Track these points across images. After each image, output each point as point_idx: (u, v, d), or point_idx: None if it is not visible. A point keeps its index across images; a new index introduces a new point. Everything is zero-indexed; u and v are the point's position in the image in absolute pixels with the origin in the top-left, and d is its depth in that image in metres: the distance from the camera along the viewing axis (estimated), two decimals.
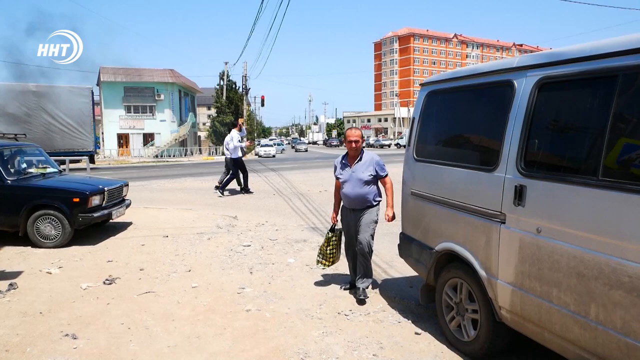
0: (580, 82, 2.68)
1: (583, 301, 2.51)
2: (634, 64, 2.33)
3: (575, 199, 2.56)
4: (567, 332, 2.63)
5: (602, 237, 2.40)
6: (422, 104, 4.22)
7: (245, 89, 47.20)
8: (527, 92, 2.96)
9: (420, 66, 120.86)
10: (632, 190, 2.25)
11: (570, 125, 2.84)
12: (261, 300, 4.79)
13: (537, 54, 3.06)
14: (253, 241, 7.35)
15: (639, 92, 2.36)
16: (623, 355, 2.31)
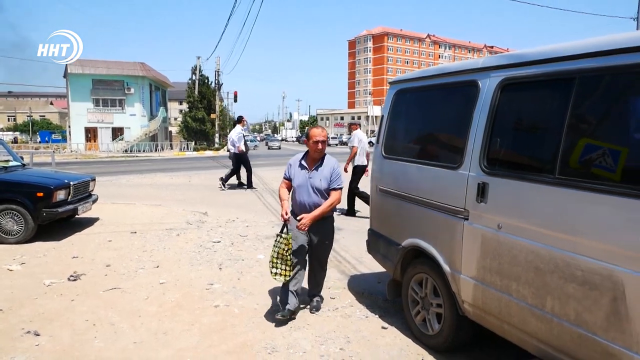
0: (540, 83, 2.78)
1: (540, 294, 2.60)
2: (590, 67, 2.42)
3: (533, 196, 2.66)
4: (525, 324, 2.73)
5: (558, 233, 2.49)
6: (391, 102, 4.28)
7: (217, 84, 46.68)
8: (490, 92, 3.05)
9: (393, 65, 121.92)
10: (586, 188, 2.35)
11: (530, 125, 2.95)
12: (230, 296, 4.79)
13: (500, 55, 3.15)
14: (223, 237, 7.31)
15: (594, 95, 2.47)
16: (576, 346, 2.42)
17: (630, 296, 2.12)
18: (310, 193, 4.07)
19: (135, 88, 41.69)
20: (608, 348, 2.23)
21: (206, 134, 44.75)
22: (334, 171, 4.10)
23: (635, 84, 2.30)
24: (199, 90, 44.97)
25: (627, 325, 2.14)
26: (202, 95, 45.02)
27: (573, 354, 2.44)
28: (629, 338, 2.14)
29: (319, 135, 4.06)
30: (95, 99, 41.69)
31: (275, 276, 4.05)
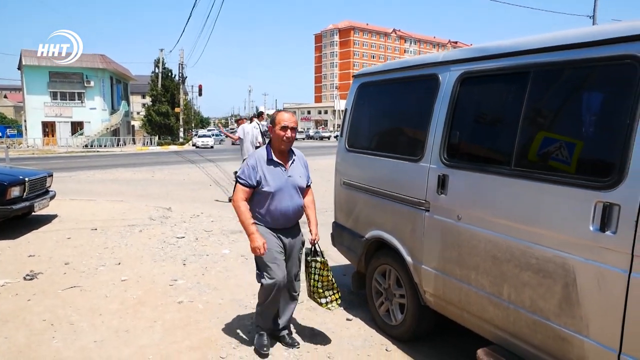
0: (497, 77, 2.85)
1: (497, 283, 2.69)
2: (543, 61, 2.51)
3: (491, 188, 2.73)
4: (483, 312, 2.81)
5: (514, 223, 2.57)
6: (354, 95, 4.31)
7: (181, 77, 45.76)
8: (450, 86, 3.11)
9: (360, 59, 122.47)
10: (540, 179, 2.43)
11: (487, 118, 3.03)
12: (194, 291, 4.73)
13: (460, 50, 3.22)
14: (187, 232, 7.21)
15: (547, 88, 2.56)
16: (531, 331, 2.52)
17: (580, 283, 2.22)
18: (293, 196, 3.31)
19: (95, 81, 40.33)
20: (560, 333, 2.33)
21: (170, 128, 43.85)
22: (306, 163, 3.57)
23: (585, 78, 2.41)
24: (163, 83, 43.97)
25: (578, 310, 2.24)
26: (165, 89, 44.04)
27: (528, 339, 2.54)
28: (579, 322, 2.24)
29: (288, 120, 3.24)
30: (53, 92, 40.12)
31: (328, 305, 3.48)
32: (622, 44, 2.15)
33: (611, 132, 2.19)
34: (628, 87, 2.10)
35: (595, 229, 2.14)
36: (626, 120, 2.07)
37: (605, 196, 2.10)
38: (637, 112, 2.04)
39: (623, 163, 2.05)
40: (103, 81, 41.29)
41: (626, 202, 2.03)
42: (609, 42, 2.21)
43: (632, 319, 2.02)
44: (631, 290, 2.02)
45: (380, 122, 4.14)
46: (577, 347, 2.26)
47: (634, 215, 1.99)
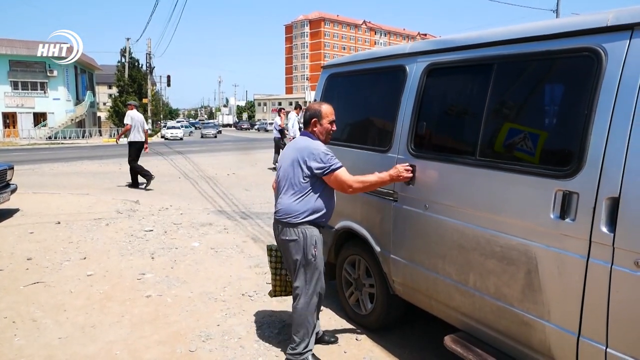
0: (462, 69, 2.90)
1: (463, 271, 2.73)
2: (507, 54, 2.55)
3: (456, 177, 2.77)
4: (450, 299, 2.86)
5: (479, 211, 2.62)
6: (323, 86, 4.29)
7: (149, 67, 44.76)
8: (417, 77, 3.14)
9: (330, 51, 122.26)
10: (504, 169, 2.48)
11: (453, 109, 3.06)
12: (163, 285, 4.66)
13: (426, 41, 3.25)
14: (156, 226, 7.08)
15: (510, 80, 2.61)
16: (495, 317, 2.57)
17: (542, 269, 2.28)
18: None
19: (58, 70, 38.97)
20: (523, 318, 2.39)
21: None
22: None
23: (547, 70, 2.47)
24: (130, 73, 42.93)
25: (540, 296, 2.31)
26: (132, 79, 43.03)
27: (493, 325, 2.60)
28: (540, 308, 2.31)
29: (333, 113, 3.18)
30: (14, 82, 38.59)
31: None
32: (581, 36, 2.21)
33: (571, 122, 2.24)
34: (587, 79, 2.15)
35: (556, 217, 2.20)
36: (584, 111, 2.13)
37: (564, 185, 2.16)
38: (594, 103, 2.09)
39: (581, 152, 2.11)
40: (67, 71, 39.96)
41: (584, 190, 2.09)
42: (570, 34, 2.26)
43: (590, 303, 2.09)
44: (589, 275, 2.09)
45: (350, 114, 4.14)
46: (539, 332, 2.32)
47: (592, 203, 2.06)
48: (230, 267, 5.27)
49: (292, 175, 3.04)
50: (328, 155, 3.00)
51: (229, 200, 9.42)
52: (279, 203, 3.11)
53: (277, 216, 3.12)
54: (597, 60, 2.12)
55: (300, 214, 3.01)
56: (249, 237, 6.56)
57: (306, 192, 3.02)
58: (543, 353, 2.34)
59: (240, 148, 26.92)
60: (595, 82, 2.10)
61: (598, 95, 2.09)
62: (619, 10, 2.11)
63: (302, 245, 3.03)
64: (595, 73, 2.11)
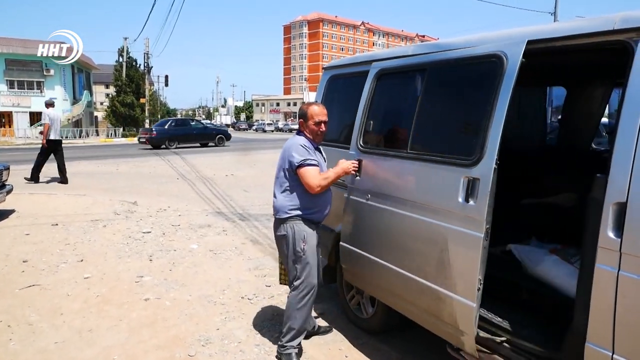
0: (401, 74, 3.29)
1: (396, 253, 3.02)
2: (434, 60, 2.93)
3: (391, 169, 3.13)
4: (387, 282, 3.15)
5: (408, 198, 2.93)
6: (324, 88, 4.29)
7: (147, 67, 44.56)
8: (370, 81, 3.48)
9: (329, 52, 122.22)
10: (427, 160, 2.81)
11: (391, 109, 3.44)
12: (161, 288, 4.61)
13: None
14: (154, 227, 7.03)
15: (437, 83, 2.95)
16: (420, 295, 2.81)
17: (451, 247, 2.57)
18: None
19: (55, 69, 38.73)
20: (438, 293, 2.66)
21: (135, 119, 42.69)
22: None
23: (464, 74, 2.80)
24: (127, 73, 42.70)
25: (449, 271, 2.59)
26: (130, 79, 42.78)
27: (420, 303, 2.88)
28: (450, 282, 2.59)
29: (321, 113, 3.19)
30: (10, 81, 38.32)
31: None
32: (493, 44, 2.55)
33: (478, 118, 2.54)
34: (492, 80, 2.46)
35: (463, 200, 2.51)
36: (487, 108, 2.45)
37: (469, 172, 2.49)
38: (496, 101, 2.41)
39: (483, 143, 2.43)
40: (64, 70, 39.71)
41: (484, 176, 2.41)
42: (486, 42, 2.62)
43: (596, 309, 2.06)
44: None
45: (339, 115, 4.16)
46: (448, 305, 2.60)
47: (488, 187, 2.37)
48: (230, 269, 5.22)
49: (280, 170, 3.19)
50: (305, 149, 3.10)
51: (227, 202, 9.37)
52: (274, 200, 3.25)
53: (273, 212, 3.29)
54: (499, 64, 2.44)
55: (288, 209, 3.13)
56: (248, 239, 6.52)
57: (292, 187, 3.14)
58: (452, 324, 2.62)
59: (239, 149, 26.84)
60: (498, 82, 2.42)
61: (498, 95, 2.41)
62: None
63: (291, 240, 3.14)
64: (499, 74, 2.43)
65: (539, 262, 2.87)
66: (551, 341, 2.45)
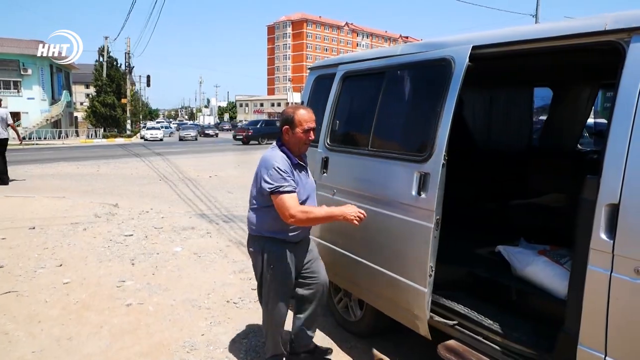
0: (363, 76, 3.44)
1: (359, 245, 3.19)
2: (391, 64, 3.14)
3: (353, 166, 3.29)
4: (345, 270, 3.37)
5: (369, 193, 3.10)
6: (311, 88, 4.24)
7: (128, 66, 44.01)
8: (337, 83, 3.64)
9: (313, 52, 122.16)
10: (385, 157, 2.99)
11: (355, 109, 3.56)
12: (144, 293, 4.50)
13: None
14: (136, 230, 6.89)
15: (394, 85, 3.12)
16: (383, 284, 2.99)
17: (407, 237, 2.78)
18: (315, 200, 3.01)
19: (33, 69, 37.91)
20: (396, 281, 2.85)
21: (117, 120, 42.10)
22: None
23: (418, 77, 3.00)
24: (108, 73, 42.05)
25: (405, 260, 2.81)
26: (111, 79, 42.16)
27: (381, 292, 3.07)
28: (405, 270, 2.79)
29: (310, 120, 2.79)
30: None
31: None
32: (442, 49, 2.75)
33: (428, 117, 2.72)
34: (442, 82, 2.64)
35: (416, 193, 2.69)
36: (437, 108, 2.63)
37: (421, 167, 2.68)
38: (445, 102, 2.59)
39: (433, 141, 2.61)
40: (42, 69, 38.89)
41: (433, 171, 2.59)
42: (433, 47, 2.83)
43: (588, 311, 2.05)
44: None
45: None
46: (404, 291, 2.80)
47: (437, 181, 2.55)
48: (214, 272, 5.13)
49: (253, 187, 2.85)
50: (279, 174, 2.64)
51: (211, 204, 9.25)
52: (248, 212, 2.93)
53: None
54: (449, 67, 2.61)
55: (257, 229, 2.83)
56: (233, 241, 6.43)
57: (263, 208, 2.76)
58: (408, 309, 2.81)
59: (223, 149, 26.65)
60: (447, 84, 2.59)
61: (446, 96, 2.58)
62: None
63: (261, 259, 2.82)
64: (448, 77, 2.60)
65: (528, 264, 2.85)
66: (542, 343, 2.43)
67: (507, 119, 4.50)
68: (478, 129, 4.68)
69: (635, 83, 1.94)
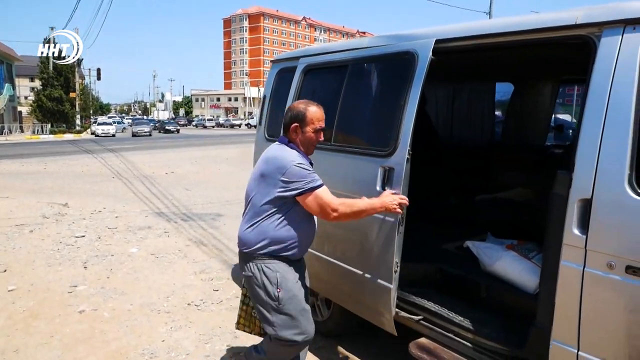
0: (326, 70, 3.39)
1: (319, 241, 3.03)
2: (354, 57, 3.08)
3: (318, 161, 3.09)
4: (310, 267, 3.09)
5: (334, 190, 2.85)
6: (274, 81, 4.11)
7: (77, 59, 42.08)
8: (298, 76, 3.57)
9: (270, 46, 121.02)
10: (349, 152, 2.96)
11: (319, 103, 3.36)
12: (98, 298, 4.25)
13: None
14: (88, 231, 6.54)
15: (357, 79, 3.08)
16: (350, 282, 2.96)
17: (372, 233, 2.75)
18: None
19: None
20: (362, 278, 2.84)
21: (65, 115, 40.23)
22: None
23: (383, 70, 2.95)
24: (55, 65, 40.08)
25: (370, 256, 2.78)
26: (58, 72, 40.20)
27: (346, 289, 3.06)
28: (371, 266, 2.78)
29: (322, 118, 2.48)
30: None
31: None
32: (406, 42, 2.72)
33: (393, 112, 2.67)
34: (405, 76, 2.60)
35: (380, 188, 2.66)
36: (401, 103, 2.60)
37: (386, 162, 2.66)
38: (408, 96, 2.55)
39: (397, 135, 2.59)
40: None
41: (398, 165, 2.58)
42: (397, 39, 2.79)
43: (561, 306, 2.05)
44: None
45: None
46: (370, 288, 2.78)
47: (402, 176, 2.55)
48: (174, 274, 4.92)
49: (254, 193, 2.38)
50: (305, 169, 2.31)
51: (168, 201, 8.94)
52: (240, 229, 2.45)
53: (237, 243, 2.48)
54: (413, 61, 2.58)
55: (255, 245, 2.35)
56: (192, 240, 6.21)
57: (265, 217, 2.34)
58: (373, 306, 2.80)
59: (178, 145, 25.96)
60: (411, 77, 2.55)
61: (410, 90, 2.55)
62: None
63: (261, 283, 2.35)
64: (412, 70, 2.57)
65: (497, 259, 2.85)
66: (513, 339, 2.43)
67: (470, 114, 4.54)
68: (441, 124, 4.70)
69: (607, 77, 1.93)
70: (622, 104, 1.89)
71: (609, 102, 1.92)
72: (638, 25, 1.90)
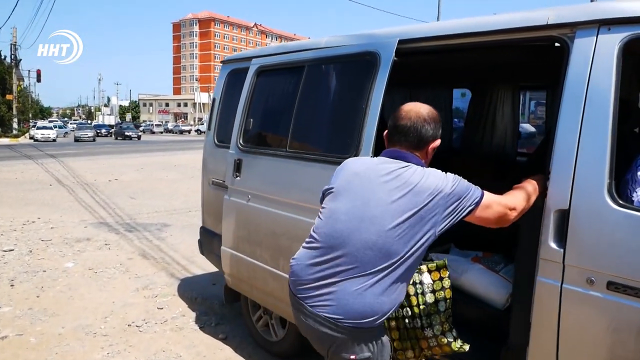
0: (282, 70, 3.19)
1: (275, 255, 2.94)
2: (311, 57, 2.88)
3: (271, 169, 3.06)
4: (265, 284, 3.06)
5: (287, 199, 2.87)
6: (224, 83, 3.85)
7: (14, 59, 39.81)
8: (250, 78, 3.33)
9: (221, 52, 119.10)
10: (305, 158, 2.78)
11: (271, 107, 3.31)
12: (24, 321, 3.80)
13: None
14: (18, 244, 5.97)
15: (315, 81, 2.90)
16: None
17: None
18: None
19: None
20: None
21: (1, 118, 37.83)
22: None
23: (342, 72, 2.80)
24: None
25: None
26: None
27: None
28: None
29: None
30: None
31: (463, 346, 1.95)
32: (367, 42, 2.56)
33: (354, 116, 2.51)
34: (367, 78, 2.44)
35: None
36: (362, 106, 2.44)
37: None
38: (370, 99, 2.40)
39: (358, 141, 2.42)
40: None
41: None
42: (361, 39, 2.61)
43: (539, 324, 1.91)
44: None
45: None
46: None
47: None
48: (113, 291, 4.51)
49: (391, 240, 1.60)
50: (459, 178, 1.70)
51: (111, 210, 8.38)
52: (334, 293, 1.62)
53: (330, 318, 1.62)
54: (375, 62, 2.41)
55: (385, 312, 1.63)
56: (136, 252, 5.78)
57: (406, 271, 1.66)
58: None
59: (123, 151, 24.86)
60: (373, 79, 2.40)
61: (372, 93, 2.39)
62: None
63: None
64: (373, 72, 2.41)
65: (463, 272, 2.70)
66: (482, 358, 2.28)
67: None
68: None
69: (582, 79, 1.82)
70: (599, 109, 1.77)
71: (585, 106, 1.80)
72: (614, 26, 1.80)
